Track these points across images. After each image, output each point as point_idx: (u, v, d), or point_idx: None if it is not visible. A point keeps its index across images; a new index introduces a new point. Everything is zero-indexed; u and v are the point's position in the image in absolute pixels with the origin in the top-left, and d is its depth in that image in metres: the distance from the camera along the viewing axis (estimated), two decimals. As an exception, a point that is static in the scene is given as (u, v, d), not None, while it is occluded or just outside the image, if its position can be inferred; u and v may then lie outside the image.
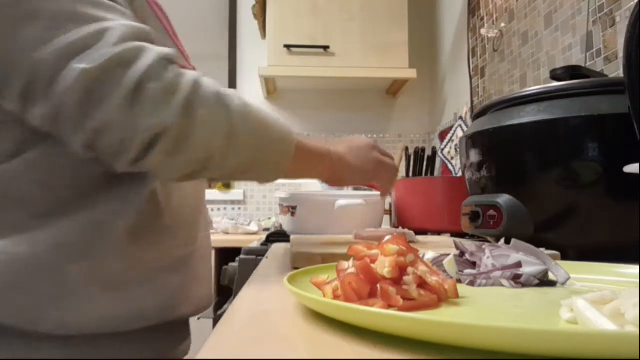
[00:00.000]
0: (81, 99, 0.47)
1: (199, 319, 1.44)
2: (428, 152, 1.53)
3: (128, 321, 0.58)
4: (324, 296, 0.36)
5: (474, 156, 0.71)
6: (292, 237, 0.97)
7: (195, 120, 0.51)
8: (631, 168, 0.49)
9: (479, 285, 0.44)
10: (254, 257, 1.04)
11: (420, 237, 0.99)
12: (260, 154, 0.57)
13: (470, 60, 1.81)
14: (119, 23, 0.51)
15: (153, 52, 0.51)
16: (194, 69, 0.76)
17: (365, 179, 0.77)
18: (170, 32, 0.70)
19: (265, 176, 0.61)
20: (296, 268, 0.59)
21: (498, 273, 0.43)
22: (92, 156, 0.52)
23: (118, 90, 0.48)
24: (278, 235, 1.35)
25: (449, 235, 1.24)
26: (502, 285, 0.43)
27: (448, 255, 0.47)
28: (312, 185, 1.78)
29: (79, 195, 0.56)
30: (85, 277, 0.55)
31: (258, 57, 2.32)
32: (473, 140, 0.71)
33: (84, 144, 0.50)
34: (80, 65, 0.47)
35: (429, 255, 0.48)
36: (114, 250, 0.58)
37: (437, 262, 0.47)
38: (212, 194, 2.26)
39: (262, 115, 0.58)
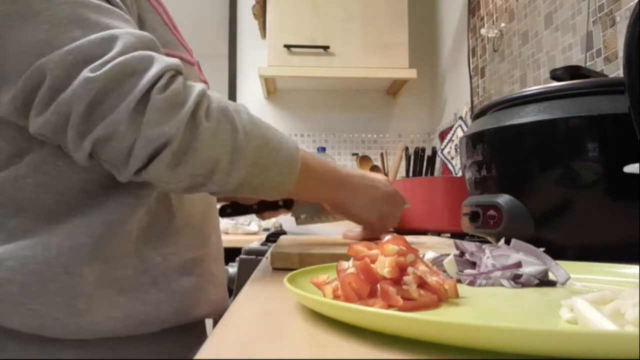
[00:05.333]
0: (88, 107, 0.47)
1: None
2: (428, 152, 1.53)
3: (144, 324, 0.57)
4: (324, 296, 0.36)
5: (474, 156, 0.71)
6: (281, 237, 0.97)
7: (200, 134, 0.50)
8: (631, 168, 0.49)
9: (479, 285, 0.44)
10: (254, 257, 1.04)
11: (413, 238, 0.98)
12: (264, 172, 0.56)
13: (470, 60, 1.81)
14: (125, 31, 0.50)
15: (161, 62, 0.50)
16: (198, 64, 0.75)
17: (362, 221, 0.78)
18: (170, 25, 0.68)
19: (269, 193, 0.60)
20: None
21: (498, 273, 0.43)
22: (93, 164, 0.52)
23: (126, 100, 0.47)
24: (278, 235, 1.35)
25: (448, 235, 1.24)
26: (502, 285, 0.43)
27: (448, 255, 0.47)
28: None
29: (88, 197, 0.56)
30: (99, 280, 0.54)
31: (258, 57, 2.32)
32: (473, 140, 0.71)
33: (86, 153, 0.49)
34: (90, 74, 0.46)
35: (429, 255, 0.48)
36: (127, 252, 0.57)
37: (437, 262, 0.47)
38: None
39: (269, 133, 0.57)
